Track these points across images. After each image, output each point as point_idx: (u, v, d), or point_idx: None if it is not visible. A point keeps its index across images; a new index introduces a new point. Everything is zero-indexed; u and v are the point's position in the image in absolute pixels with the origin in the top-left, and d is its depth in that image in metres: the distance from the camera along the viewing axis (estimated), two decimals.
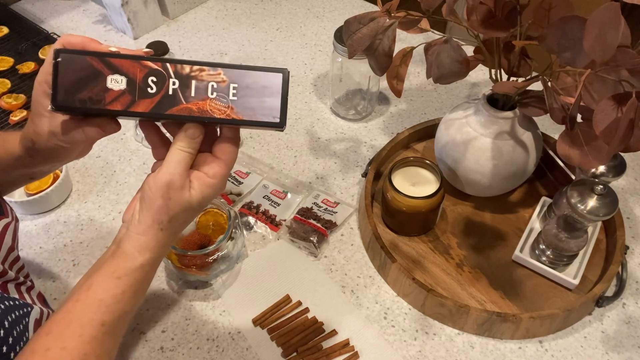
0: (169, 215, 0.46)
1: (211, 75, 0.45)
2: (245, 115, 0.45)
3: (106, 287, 0.45)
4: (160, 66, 0.45)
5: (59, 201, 0.87)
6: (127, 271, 0.46)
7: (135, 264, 0.46)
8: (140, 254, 0.46)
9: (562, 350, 0.69)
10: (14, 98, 0.99)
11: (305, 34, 1.22)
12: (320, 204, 0.85)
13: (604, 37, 0.49)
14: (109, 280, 0.45)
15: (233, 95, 0.45)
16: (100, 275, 0.45)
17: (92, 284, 0.45)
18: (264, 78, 0.46)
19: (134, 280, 0.46)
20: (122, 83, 0.44)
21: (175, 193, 0.45)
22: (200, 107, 0.45)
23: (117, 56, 0.45)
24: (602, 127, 0.53)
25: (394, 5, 0.65)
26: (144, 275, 0.47)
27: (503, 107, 0.73)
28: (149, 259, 0.47)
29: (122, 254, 0.46)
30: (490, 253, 0.78)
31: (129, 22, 1.17)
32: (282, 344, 0.69)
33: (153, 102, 0.45)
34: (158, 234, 0.46)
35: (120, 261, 0.46)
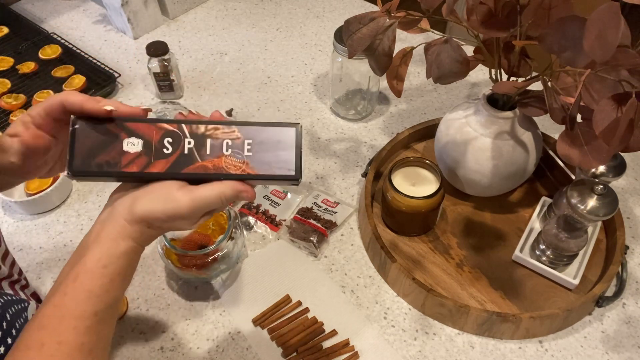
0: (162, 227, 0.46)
1: (226, 133, 0.46)
2: (260, 170, 0.46)
3: (93, 277, 0.44)
4: (176, 127, 0.46)
5: (59, 201, 0.87)
6: (112, 259, 0.44)
7: (119, 250, 0.45)
8: (123, 241, 0.45)
9: (562, 350, 0.69)
10: (14, 98, 0.99)
11: (305, 34, 1.22)
12: (320, 204, 0.85)
13: (604, 37, 0.49)
14: (96, 269, 0.44)
15: (248, 150, 0.46)
16: (86, 264, 0.44)
17: (79, 275, 0.44)
18: (277, 133, 0.47)
19: (120, 267, 0.45)
20: (139, 145, 0.45)
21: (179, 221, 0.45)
22: (215, 164, 0.46)
23: (134, 120, 0.45)
24: (602, 127, 0.53)
25: (394, 5, 0.65)
26: (128, 261, 0.46)
27: (503, 107, 0.73)
28: (133, 247, 0.46)
29: (105, 238, 0.45)
30: (490, 253, 0.78)
31: (129, 22, 1.17)
32: (282, 344, 0.69)
33: (169, 162, 0.45)
34: (144, 229, 0.45)
35: (104, 248, 0.45)
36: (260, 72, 1.12)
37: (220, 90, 1.07)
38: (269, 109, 1.03)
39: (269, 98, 1.06)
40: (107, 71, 1.07)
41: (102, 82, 1.04)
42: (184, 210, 0.44)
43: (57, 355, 0.42)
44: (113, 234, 0.45)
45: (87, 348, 0.43)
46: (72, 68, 1.07)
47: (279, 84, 1.09)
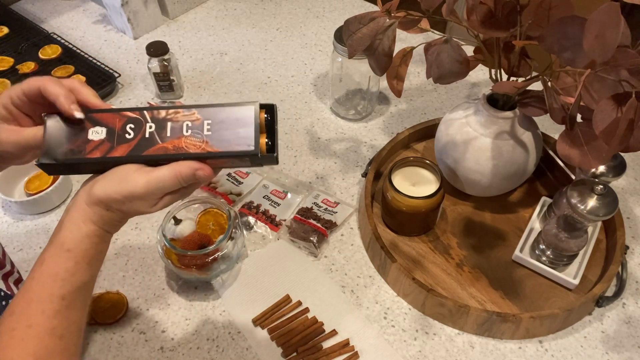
0: (119, 207, 0.46)
1: (186, 116, 0.48)
2: (220, 147, 0.47)
3: (58, 261, 0.45)
4: (138, 114, 0.48)
5: (59, 201, 0.87)
6: (76, 243, 0.45)
7: (82, 233, 0.45)
8: (84, 224, 0.46)
9: (562, 350, 0.69)
10: None
11: (305, 34, 1.22)
12: (320, 204, 0.85)
13: (604, 37, 0.49)
14: (60, 253, 0.45)
15: (207, 130, 0.47)
16: (51, 248, 0.45)
17: (45, 259, 0.45)
18: (236, 112, 0.48)
19: (84, 251, 0.45)
20: (102, 133, 0.47)
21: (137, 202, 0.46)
22: (175, 145, 0.47)
23: (100, 111, 0.48)
24: (602, 127, 0.53)
25: (394, 5, 0.65)
26: (92, 245, 0.46)
27: (503, 107, 0.73)
28: (94, 230, 0.46)
29: (68, 223, 0.46)
30: (490, 253, 0.78)
31: (129, 22, 1.17)
32: (282, 344, 0.69)
33: (130, 145, 0.47)
34: (103, 212, 0.46)
35: (67, 232, 0.45)
36: (260, 72, 1.12)
37: (220, 90, 1.07)
38: None
39: (269, 98, 1.06)
40: (107, 71, 1.07)
41: (102, 82, 1.04)
42: (140, 190, 0.45)
43: (27, 339, 0.42)
44: (75, 217, 0.46)
45: (58, 333, 0.44)
46: (72, 68, 1.07)
47: (279, 84, 1.09)
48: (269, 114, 0.48)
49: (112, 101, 1.05)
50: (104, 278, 0.77)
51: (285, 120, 1.01)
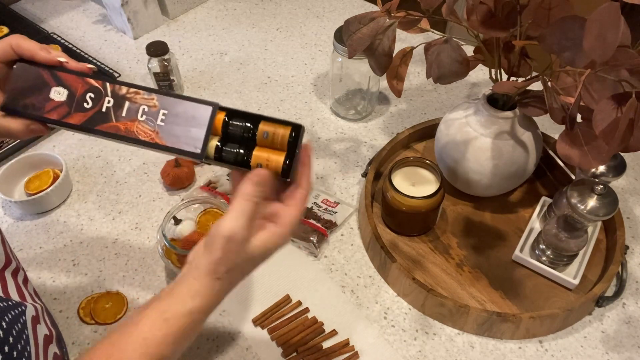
0: (227, 266, 0.45)
1: (145, 99, 0.48)
2: (168, 141, 0.47)
3: (152, 326, 0.44)
4: (101, 84, 0.48)
5: (59, 201, 0.87)
6: (176, 314, 0.45)
7: (185, 308, 0.45)
8: (191, 299, 0.45)
9: (562, 350, 0.69)
10: None
11: (305, 34, 1.22)
12: (320, 203, 0.85)
13: (604, 37, 0.49)
14: (157, 319, 0.45)
15: (161, 120, 0.47)
16: (151, 311, 0.45)
17: (142, 319, 0.45)
18: (194, 109, 0.48)
19: (181, 325, 0.45)
20: (64, 95, 0.48)
21: (236, 246, 0.44)
22: (127, 128, 0.47)
23: (65, 70, 0.48)
24: (602, 127, 0.53)
25: (394, 5, 0.65)
26: (191, 322, 0.45)
27: (503, 107, 0.73)
28: (199, 306, 0.45)
29: (176, 294, 0.45)
30: (490, 253, 0.78)
31: (129, 22, 1.17)
32: (282, 344, 0.69)
33: (86, 116, 0.48)
34: (213, 282, 0.45)
35: (172, 302, 0.45)
36: (260, 72, 1.12)
37: (220, 90, 1.07)
38: (269, 109, 1.03)
39: (269, 98, 1.06)
40: (107, 71, 1.07)
41: None
42: (237, 230, 0.44)
43: None
44: (183, 291, 0.45)
45: None
46: None
47: (279, 84, 1.09)
48: (294, 132, 0.47)
49: None
50: (104, 278, 0.77)
51: None
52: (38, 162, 0.88)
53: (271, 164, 0.46)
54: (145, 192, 0.88)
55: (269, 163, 0.46)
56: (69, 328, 0.72)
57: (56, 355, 0.57)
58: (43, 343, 0.55)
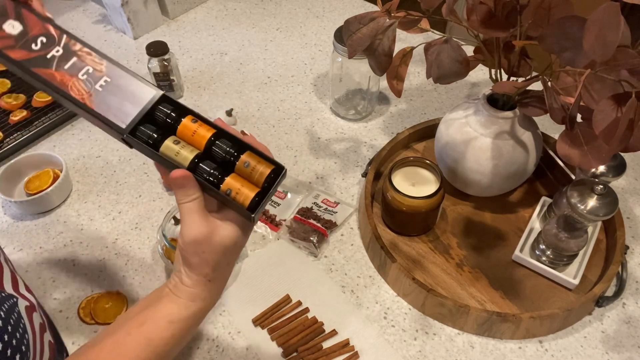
0: (210, 266, 0.46)
1: (94, 62, 0.47)
2: (97, 108, 0.46)
3: (157, 328, 0.46)
4: (58, 34, 0.48)
5: (59, 201, 0.87)
6: (181, 317, 0.47)
7: (189, 312, 0.47)
8: (193, 303, 0.47)
9: (562, 350, 0.69)
10: (14, 98, 0.99)
11: (305, 34, 1.22)
12: (320, 203, 0.85)
13: (604, 37, 0.49)
14: (163, 322, 0.46)
15: (100, 86, 0.47)
16: (155, 313, 0.47)
17: (146, 321, 0.46)
18: (137, 87, 0.47)
19: (185, 326, 0.47)
20: (16, 30, 0.47)
21: (205, 246, 0.45)
22: (63, 80, 0.47)
23: (31, 11, 0.48)
24: (602, 127, 0.53)
25: (394, 5, 0.65)
26: (195, 321, 0.48)
27: (503, 107, 0.73)
28: (202, 307, 0.48)
29: (176, 299, 0.47)
30: (490, 253, 0.78)
31: (128, 22, 1.17)
32: (282, 344, 0.69)
33: (28, 55, 0.47)
34: (207, 284, 0.47)
35: (174, 306, 0.47)
36: (260, 72, 1.12)
37: (220, 90, 1.07)
38: (268, 108, 1.03)
39: (269, 98, 1.06)
40: None
41: None
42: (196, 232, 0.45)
43: None
44: (183, 298, 0.47)
45: None
46: None
47: (279, 84, 1.09)
48: (274, 173, 0.47)
49: None
50: (103, 278, 0.77)
51: (285, 120, 1.01)
52: (38, 162, 0.88)
53: (240, 195, 0.46)
54: (145, 192, 0.88)
55: (239, 193, 0.46)
56: (69, 328, 0.72)
57: (50, 343, 0.57)
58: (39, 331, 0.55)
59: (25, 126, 0.96)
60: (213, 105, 1.04)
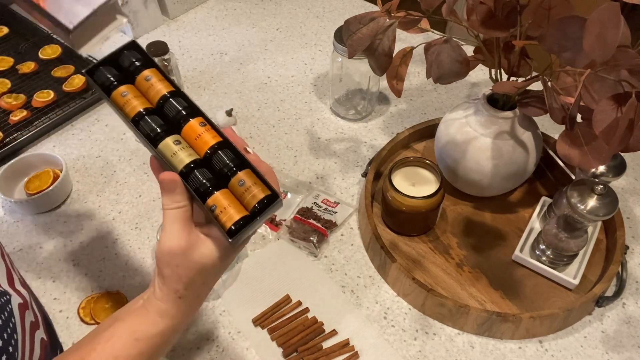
0: (182, 282, 0.44)
1: None
2: (49, 8, 0.47)
3: (123, 345, 0.44)
4: None
5: (59, 201, 0.87)
6: (147, 335, 0.44)
7: (156, 329, 0.44)
8: (161, 320, 0.44)
9: (562, 350, 0.69)
10: (14, 98, 0.99)
11: (305, 34, 1.22)
12: (320, 203, 0.85)
13: (604, 37, 0.49)
14: (128, 339, 0.44)
15: None
16: (122, 329, 0.44)
17: (113, 336, 0.44)
18: None
19: (152, 344, 0.44)
20: None
21: (180, 259, 0.43)
22: None
23: None
24: (602, 127, 0.53)
25: (394, 5, 0.65)
26: (163, 341, 0.45)
27: (503, 107, 0.73)
28: (170, 326, 0.45)
29: (145, 314, 0.45)
30: (490, 253, 0.78)
31: (129, 22, 1.17)
32: (282, 344, 0.69)
33: None
34: (177, 301, 0.44)
35: (142, 322, 0.44)
36: (260, 72, 1.12)
37: (220, 90, 1.07)
38: (268, 108, 1.03)
39: (269, 98, 1.06)
40: None
41: None
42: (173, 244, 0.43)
43: None
44: (152, 312, 0.44)
45: None
46: (72, 68, 1.07)
47: (279, 84, 1.09)
48: (268, 199, 0.44)
49: None
50: (104, 278, 0.77)
51: (285, 120, 1.01)
52: (38, 162, 0.88)
53: (224, 215, 0.43)
54: (145, 192, 0.88)
55: (223, 212, 0.43)
56: (69, 328, 0.72)
57: (43, 340, 0.57)
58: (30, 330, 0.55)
59: (25, 126, 0.96)
60: (213, 105, 1.04)
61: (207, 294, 0.48)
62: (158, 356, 0.46)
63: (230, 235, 0.42)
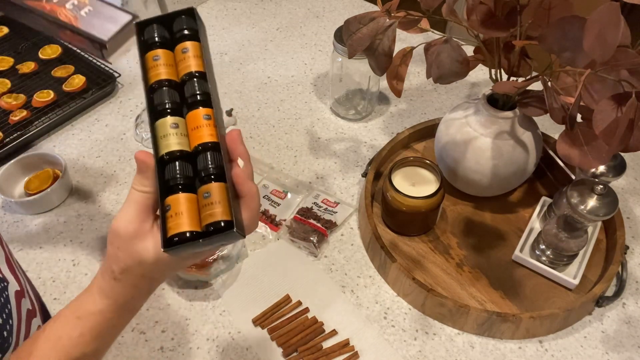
0: (119, 266, 0.41)
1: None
2: (82, 26, 0.58)
3: (65, 325, 0.42)
4: None
5: (59, 201, 0.87)
6: (87, 313, 0.42)
7: (96, 307, 0.42)
8: (100, 298, 0.42)
9: (562, 350, 0.69)
10: (14, 98, 0.99)
11: (305, 34, 1.22)
12: (320, 203, 0.85)
13: (604, 37, 0.49)
14: (70, 318, 0.42)
15: (85, 13, 0.59)
16: (69, 308, 0.43)
17: (59, 317, 0.43)
18: (115, 12, 0.60)
19: (94, 323, 0.42)
20: None
21: (122, 242, 0.40)
22: (52, 9, 0.59)
23: None
24: (602, 127, 0.53)
25: (394, 5, 0.65)
26: (104, 321, 0.43)
27: (503, 107, 0.73)
28: (108, 306, 0.42)
29: (89, 291, 0.43)
30: (490, 253, 0.78)
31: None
32: (282, 344, 0.69)
33: None
34: (112, 282, 0.42)
35: (85, 299, 0.43)
36: (260, 72, 1.12)
37: (220, 90, 1.07)
38: (268, 108, 1.03)
39: (269, 98, 1.06)
40: (107, 71, 1.07)
41: (102, 82, 1.04)
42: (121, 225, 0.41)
43: None
44: (94, 288, 0.43)
45: None
46: (72, 68, 1.07)
47: (279, 84, 1.09)
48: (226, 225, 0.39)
49: (113, 101, 1.05)
50: None
51: (285, 120, 1.01)
52: (38, 162, 0.89)
53: (173, 220, 0.39)
54: None
55: (173, 217, 0.39)
56: None
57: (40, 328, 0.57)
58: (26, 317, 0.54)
59: (25, 126, 0.96)
60: None
61: (152, 289, 0.45)
62: (102, 342, 0.44)
63: (166, 244, 0.38)
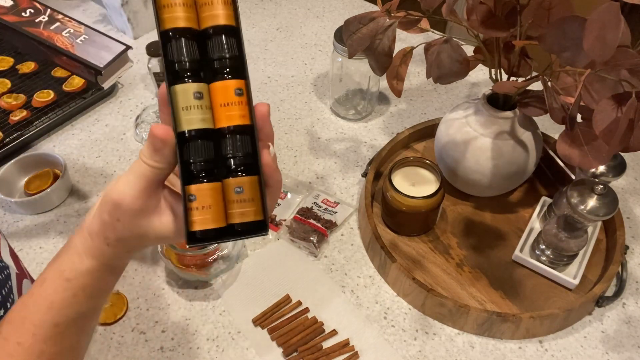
0: (116, 236, 0.40)
1: (74, 26, 0.65)
2: (79, 53, 0.62)
3: (56, 288, 0.41)
4: (42, 8, 0.64)
5: (59, 201, 0.87)
6: (76, 274, 0.41)
7: (83, 267, 0.41)
8: (87, 258, 0.41)
9: (562, 350, 0.69)
10: (14, 98, 0.99)
11: (305, 34, 1.22)
12: (320, 203, 0.85)
13: (604, 37, 0.49)
14: (59, 280, 0.41)
15: (81, 40, 0.64)
16: (53, 270, 0.42)
17: (46, 279, 0.42)
18: (110, 43, 0.66)
19: (84, 283, 0.41)
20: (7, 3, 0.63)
21: (124, 216, 0.38)
22: (50, 36, 0.62)
23: None
24: (602, 127, 0.53)
25: (394, 5, 0.65)
26: (94, 280, 0.42)
27: (503, 107, 0.73)
28: (97, 266, 0.41)
29: (73, 249, 0.41)
30: (490, 253, 0.78)
31: (129, 22, 1.17)
32: (282, 344, 0.69)
33: (19, 19, 0.62)
34: (103, 246, 0.41)
35: (70, 259, 0.41)
36: (260, 72, 1.12)
37: None
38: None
39: (269, 98, 1.06)
40: None
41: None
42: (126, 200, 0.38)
43: (15, 355, 0.41)
44: (79, 246, 0.41)
45: (46, 357, 0.41)
46: None
47: (279, 84, 1.09)
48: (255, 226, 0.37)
49: (113, 101, 1.05)
50: None
51: (285, 120, 1.01)
52: (38, 162, 0.89)
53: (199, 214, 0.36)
54: None
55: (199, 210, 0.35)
56: None
57: None
58: None
59: (25, 126, 0.96)
60: None
61: (138, 250, 0.44)
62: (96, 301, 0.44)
63: (190, 239, 0.36)
